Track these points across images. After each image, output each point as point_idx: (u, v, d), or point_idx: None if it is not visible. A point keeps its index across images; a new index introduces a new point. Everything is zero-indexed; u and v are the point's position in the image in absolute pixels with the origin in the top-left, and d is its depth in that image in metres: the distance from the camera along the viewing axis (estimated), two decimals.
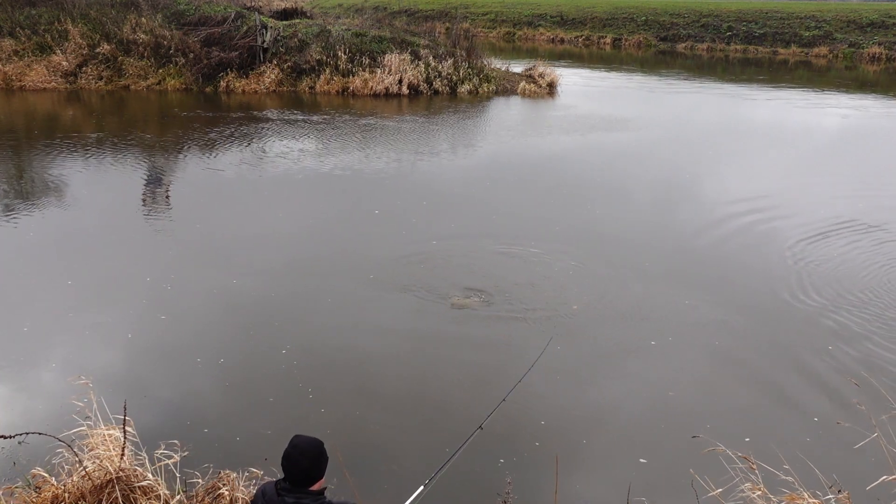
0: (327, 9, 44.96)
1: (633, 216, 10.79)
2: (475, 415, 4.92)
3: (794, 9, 43.53)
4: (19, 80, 21.38)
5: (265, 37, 22.55)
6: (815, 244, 9.63)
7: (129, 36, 22.00)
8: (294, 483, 2.83)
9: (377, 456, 5.25)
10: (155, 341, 6.80)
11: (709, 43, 40.72)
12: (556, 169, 13.58)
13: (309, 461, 2.82)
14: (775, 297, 7.97)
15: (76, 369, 5.99)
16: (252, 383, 6.14)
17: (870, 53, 35.85)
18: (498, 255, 9.01)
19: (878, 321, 7.45)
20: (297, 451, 2.83)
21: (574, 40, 44.75)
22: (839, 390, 6.11)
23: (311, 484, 2.84)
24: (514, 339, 6.95)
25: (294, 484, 2.83)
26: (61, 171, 12.75)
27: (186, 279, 8.20)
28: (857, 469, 4.97)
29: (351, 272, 8.40)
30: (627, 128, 17.78)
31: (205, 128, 16.65)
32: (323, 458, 2.89)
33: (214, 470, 4.68)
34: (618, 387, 6.23)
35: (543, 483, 4.91)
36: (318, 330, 7.14)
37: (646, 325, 7.26)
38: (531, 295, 7.88)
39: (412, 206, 11.04)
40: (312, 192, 11.84)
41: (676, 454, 5.29)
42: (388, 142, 15.60)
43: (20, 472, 4.75)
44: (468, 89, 22.67)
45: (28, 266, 8.50)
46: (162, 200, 11.34)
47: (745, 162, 14.55)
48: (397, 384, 6.23)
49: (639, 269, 8.70)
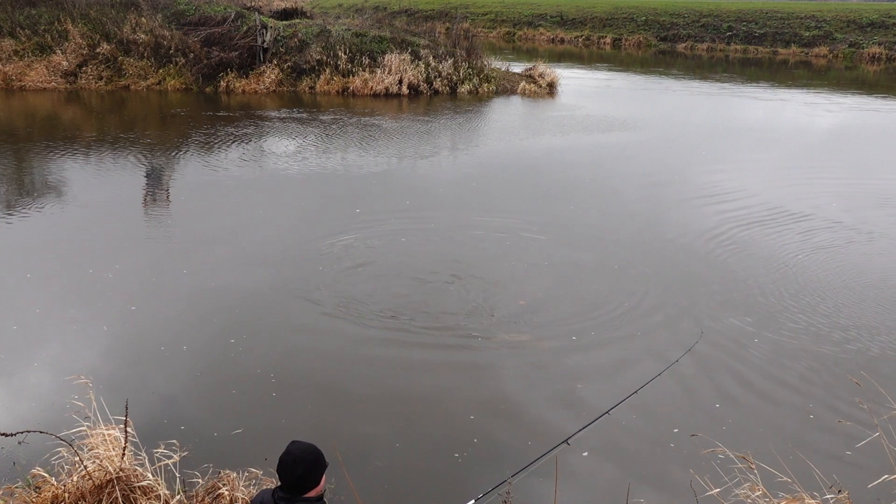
0: (327, 9, 44.99)
1: (629, 217, 10.80)
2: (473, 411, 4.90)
3: (794, 9, 43.55)
4: (19, 80, 21.40)
5: (265, 37, 22.55)
6: (809, 243, 9.64)
7: (129, 36, 22.01)
8: (289, 490, 2.78)
9: (378, 456, 5.24)
10: (155, 341, 6.80)
11: (709, 43, 40.73)
12: (553, 168, 13.58)
13: (303, 469, 2.76)
14: (771, 296, 7.97)
15: (75, 369, 5.99)
16: (253, 383, 6.14)
17: (870, 53, 35.86)
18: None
19: (877, 320, 7.45)
20: (291, 458, 2.77)
21: (574, 40, 44.76)
22: (840, 389, 6.11)
23: (306, 491, 2.79)
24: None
25: (289, 491, 2.78)
26: (61, 171, 12.76)
27: (186, 279, 8.20)
28: (858, 469, 4.97)
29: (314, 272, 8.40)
30: (627, 128, 17.78)
31: (205, 128, 16.65)
32: (318, 465, 2.82)
33: (214, 470, 4.69)
34: (618, 386, 6.22)
35: (543, 483, 4.91)
36: (318, 329, 7.14)
37: (642, 325, 7.27)
38: (493, 289, 7.90)
39: (399, 205, 11.05)
40: (309, 192, 11.84)
41: (678, 454, 5.29)
42: (387, 142, 15.60)
43: (20, 472, 4.75)
44: (468, 89, 22.67)
45: (25, 265, 8.49)
46: (162, 200, 11.35)
47: (737, 161, 14.54)
48: (403, 385, 6.23)
49: (639, 270, 8.71)
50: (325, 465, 2.87)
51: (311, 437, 4.84)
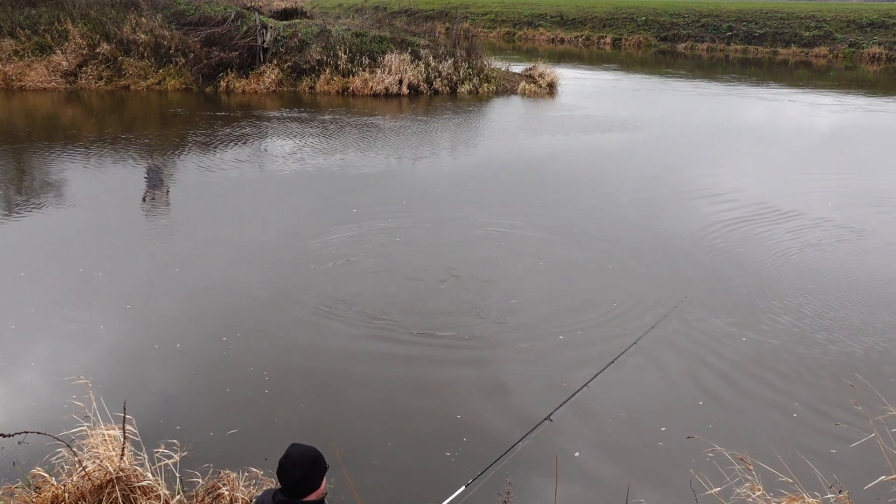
0: (327, 9, 45.01)
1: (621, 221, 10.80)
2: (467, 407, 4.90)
3: (794, 9, 43.56)
4: (19, 80, 21.41)
5: (265, 37, 22.55)
6: (802, 240, 9.66)
7: (129, 36, 22.02)
8: (289, 494, 2.77)
9: (378, 456, 5.24)
10: (155, 341, 6.80)
11: (709, 43, 40.73)
12: (552, 168, 13.58)
13: (302, 472, 2.74)
14: (765, 297, 7.97)
15: (74, 369, 6.00)
16: (253, 382, 6.14)
17: (870, 53, 35.86)
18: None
19: (875, 320, 7.45)
20: (291, 462, 2.76)
21: (574, 40, 44.76)
22: (836, 391, 6.10)
23: (306, 494, 2.77)
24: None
25: (289, 495, 2.77)
26: (59, 171, 12.76)
27: (185, 279, 8.20)
28: (855, 470, 4.97)
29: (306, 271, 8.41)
30: (626, 128, 17.78)
31: (205, 128, 16.65)
32: (317, 467, 2.80)
33: (214, 470, 4.69)
34: (616, 385, 6.22)
35: (543, 483, 4.92)
36: (314, 327, 7.14)
37: (639, 324, 7.27)
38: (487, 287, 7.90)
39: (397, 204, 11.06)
40: (306, 191, 11.84)
41: (676, 455, 5.29)
42: (386, 142, 15.60)
43: (20, 472, 4.75)
44: (468, 89, 22.67)
45: (23, 265, 8.50)
46: (161, 200, 11.36)
47: (735, 161, 14.54)
48: (400, 383, 6.23)
49: (634, 270, 8.71)
50: (326, 467, 2.85)
51: (310, 436, 4.86)
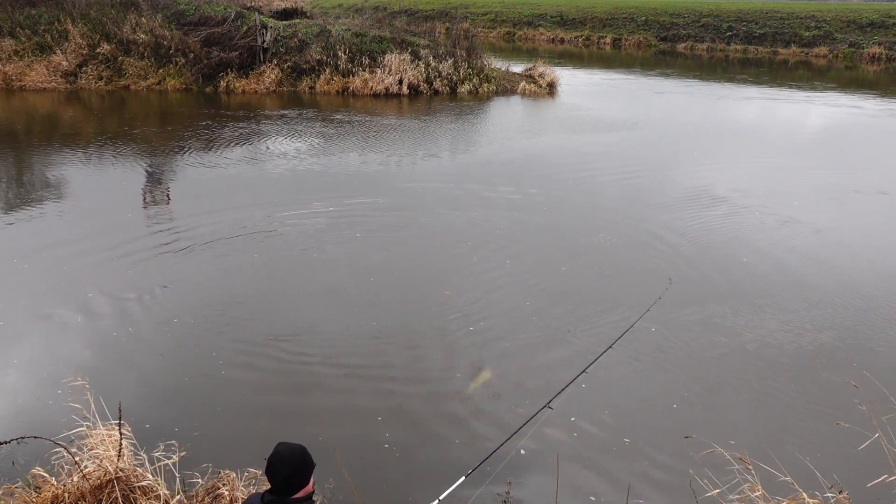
0: (327, 9, 45.01)
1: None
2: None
3: (794, 9, 43.58)
4: (19, 80, 21.42)
5: (265, 37, 22.56)
6: (798, 240, 9.67)
7: (129, 36, 22.02)
8: (277, 492, 2.80)
9: (378, 455, 5.24)
10: (154, 341, 6.80)
11: (709, 43, 40.75)
12: (552, 168, 13.58)
13: (290, 469, 2.79)
14: (767, 295, 7.97)
15: (72, 369, 6.00)
16: (252, 382, 6.14)
17: (870, 53, 35.86)
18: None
19: (879, 320, 7.45)
20: (278, 460, 2.80)
21: (574, 40, 44.77)
22: (838, 391, 6.10)
23: (295, 492, 2.81)
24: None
25: (277, 493, 2.81)
26: (59, 171, 12.76)
27: (185, 279, 8.20)
28: (858, 470, 4.97)
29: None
30: (626, 128, 17.78)
31: (205, 128, 16.65)
32: (305, 465, 2.84)
33: (214, 470, 4.69)
34: (616, 385, 6.22)
35: (544, 483, 4.92)
36: (316, 328, 7.14)
37: (638, 324, 7.27)
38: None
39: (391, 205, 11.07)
40: (304, 191, 11.84)
41: (676, 455, 5.29)
42: (386, 142, 15.60)
43: (20, 472, 4.75)
44: (468, 89, 22.68)
45: (22, 265, 8.50)
46: (162, 200, 11.35)
47: (735, 161, 14.54)
48: (403, 384, 6.23)
49: (634, 267, 8.72)
50: (313, 465, 2.89)
51: (310, 436, 4.86)
